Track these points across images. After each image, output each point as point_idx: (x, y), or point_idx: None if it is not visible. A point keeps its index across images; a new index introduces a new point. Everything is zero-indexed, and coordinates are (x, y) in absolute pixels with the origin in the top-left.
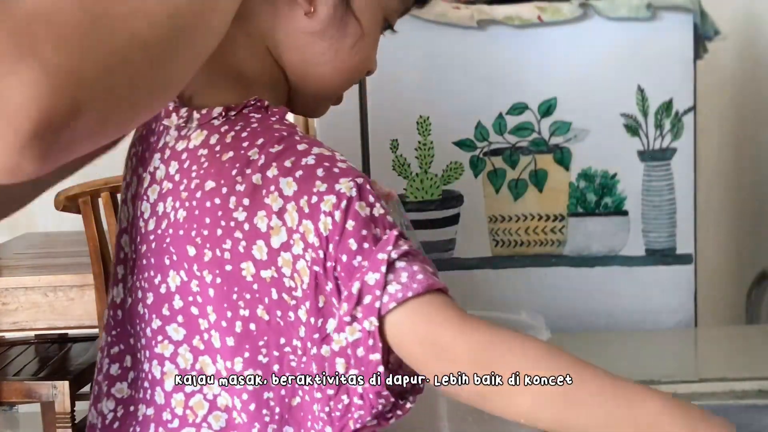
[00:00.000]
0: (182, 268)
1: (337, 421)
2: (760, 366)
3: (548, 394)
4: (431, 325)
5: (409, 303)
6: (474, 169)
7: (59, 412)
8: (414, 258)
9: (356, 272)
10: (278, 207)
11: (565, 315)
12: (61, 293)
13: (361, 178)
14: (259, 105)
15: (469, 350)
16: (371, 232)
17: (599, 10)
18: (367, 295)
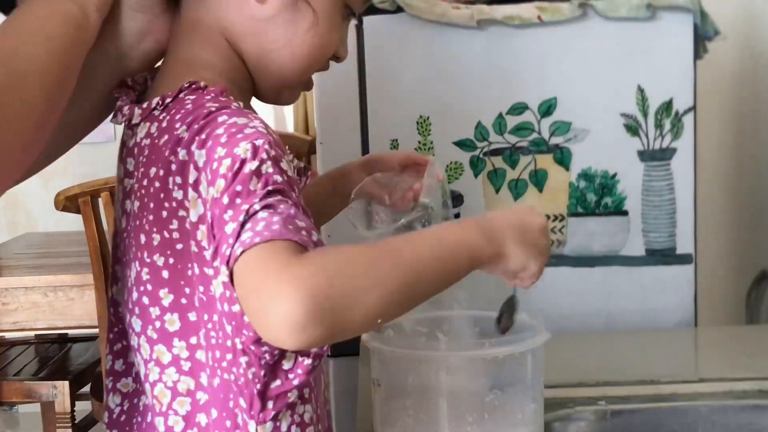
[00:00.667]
0: (137, 259)
1: (244, 388)
2: (760, 366)
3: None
4: (262, 273)
5: (252, 250)
6: (474, 169)
7: (59, 412)
8: (278, 212)
9: (222, 226)
10: (194, 179)
11: (565, 315)
12: (61, 293)
13: (261, 139)
14: (195, 87)
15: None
16: (247, 187)
17: (599, 10)
18: (223, 244)
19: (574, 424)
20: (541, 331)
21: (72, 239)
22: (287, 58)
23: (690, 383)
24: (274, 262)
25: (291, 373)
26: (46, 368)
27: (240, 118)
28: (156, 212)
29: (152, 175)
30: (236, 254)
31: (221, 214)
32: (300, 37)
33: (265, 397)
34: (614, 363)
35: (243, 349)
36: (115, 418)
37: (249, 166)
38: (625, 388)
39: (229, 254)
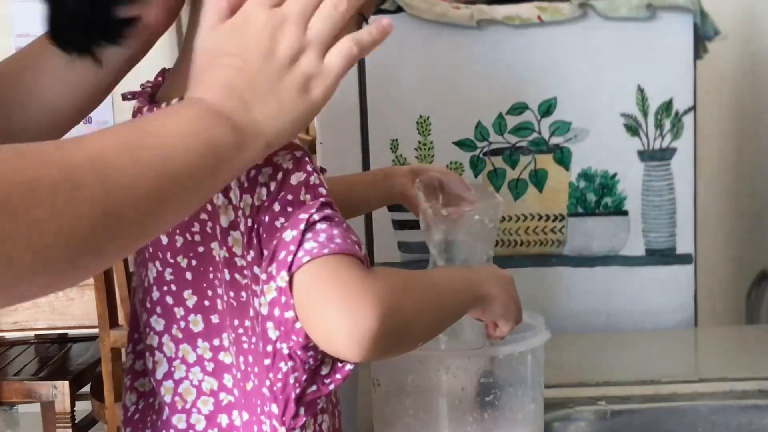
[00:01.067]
0: (157, 259)
1: (280, 393)
2: (760, 366)
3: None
4: (337, 283)
5: (321, 259)
6: (474, 169)
7: (59, 411)
8: (336, 224)
9: (277, 232)
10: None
11: (565, 315)
12: (61, 293)
13: (300, 150)
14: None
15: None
16: (298, 198)
17: (599, 10)
18: (282, 251)
19: (574, 424)
20: (541, 331)
21: None
22: None
23: (690, 383)
24: (350, 275)
25: (328, 378)
26: (46, 368)
27: None
28: (218, 221)
29: None
30: (301, 262)
31: (272, 221)
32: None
33: (300, 403)
34: (614, 363)
35: (290, 354)
36: (130, 416)
37: (295, 177)
38: (625, 388)
39: (291, 261)
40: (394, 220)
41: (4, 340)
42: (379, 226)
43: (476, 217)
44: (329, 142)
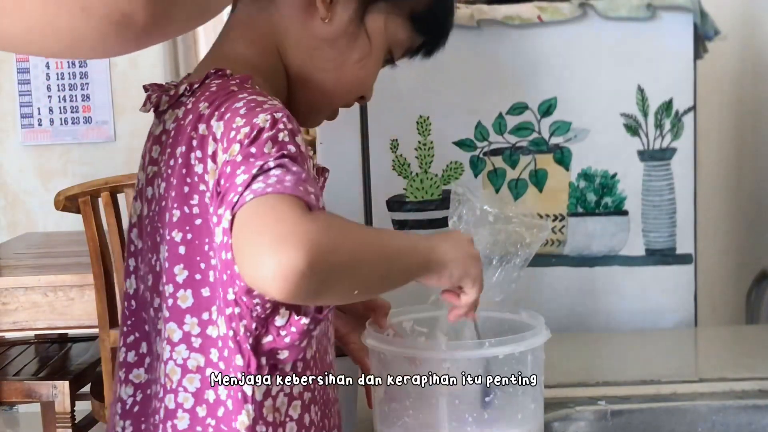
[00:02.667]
0: (165, 240)
1: (242, 342)
2: (760, 366)
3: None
4: (273, 218)
5: (263, 198)
6: (474, 169)
7: (59, 411)
8: (292, 172)
9: (232, 178)
10: (212, 150)
11: (565, 315)
12: (61, 293)
13: (281, 113)
14: (220, 73)
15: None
16: (261, 150)
17: (599, 10)
18: (231, 192)
19: (574, 424)
20: (541, 331)
21: (72, 239)
22: (331, 82)
23: (690, 383)
24: (285, 211)
25: (283, 330)
26: (46, 368)
27: (260, 96)
28: (178, 188)
29: (178, 154)
30: (245, 200)
31: (233, 170)
32: (350, 65)
33: (258, 353)
34: (614, 363)
35: (235, 299)
36: (128, 408)
37: (266, 135)
38: (625, 388)
39: (237, 201)
40: (394, 220)
41: (4, 340)
42: (379, 226)
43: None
44: (329, 142)
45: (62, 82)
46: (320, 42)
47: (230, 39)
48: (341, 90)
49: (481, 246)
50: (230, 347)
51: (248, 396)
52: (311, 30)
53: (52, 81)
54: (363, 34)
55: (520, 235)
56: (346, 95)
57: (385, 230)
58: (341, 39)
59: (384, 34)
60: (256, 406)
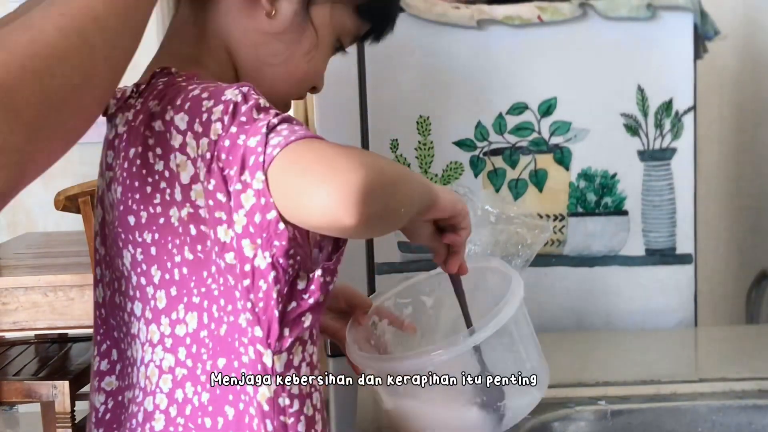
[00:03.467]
0: (129, 242)
1: (263, 314)
2: (760, 366)
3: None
4: (314, 155)
5: (291, 145)
6: (474, 168)
7: (59, 411)
8: (297, 124)
9: (240, 147)
10: (179, 143)
11: (565, 315)
12: (61, 293)
13: (246, 86)
14: (165, 72)
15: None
16: (252, 117)
17: (599, 9)
18: (251, 155)
19: (574, 424)
20: (516, 289)
21: (72, 239)
22: (281, 76)
23: (690, 383)
24: (320, 148)
25: (305, 292)
26: (46, 368)
27: (212, 84)
28: (141, 190)
29: (132, 155)
30: (272, 155)
31: (233, 142)
32: (299, 57)
33: (283, 322)
34: (614, 363)
35: (272, 262)
36: (101, 416)
37: (245, 106)
38: (625, 388)
39: (263, 160)
40: None
41: (4, 340)
42: None
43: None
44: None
45: None
46: (266, 37)
47: (175, 39)
48: (292, 83)
49: (482, 246)
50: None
51: (269, 368)
52: (256, 25)
53: None
54: (309, 27)
55: (522, 236)
56: (297, 88)
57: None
58: (287, 33)
59: (330, 25)
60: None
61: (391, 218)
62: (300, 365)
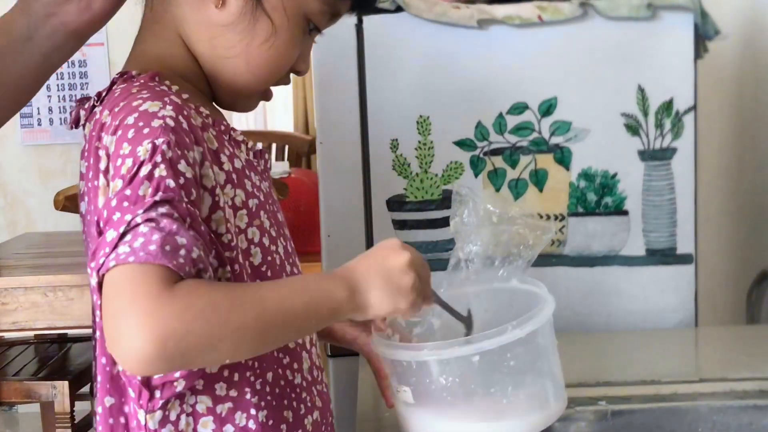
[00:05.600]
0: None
1: (131, 378)
2: (760, 366)
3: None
4: (127, 299)
5: (126, 267)
6: (474, 168)
7: (59, 412)
8: (158, 229)
9: (105, 229)
10: (104, 166)
11: (565, 315)
12: (60, 293)
13: (162, 138)
14: (126, 77)
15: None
16: (136, 193)
17: (599, 9)
18: (100, 250)
19: (574, 424)
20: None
21: (72, 239)
22: (241, 68)
23: (690, 383)
24: (140, 290)
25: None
26: (46, 368)
27: (154, 103)
28: (95, 202)
29: (91, 167)
30: (108, 266)
31: (109, 216)
32: (255, 48)
33: (149, 387)
34: (614, 363)
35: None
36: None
37: (144, 169)
38: (625, 388)
39: (102, 263)
40: (394, 220)
41: (4, 340)
42: (379, 226)
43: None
44: (329, 142)
45: (62, 81)
46: (219, 29)
47: (141, 38)
48: (256, 75)
49: (483, 247)
50: (122, 379)
51: (142, 426)
52: (207, 18)
53: (51, 81)
54: (262, 15)
55: (524, 237)
56: (267, 77)
57: (276, 289)
58: (239, 23)
59: (284, 9)
60: None
61: (206, 366)
62: (179, 419)
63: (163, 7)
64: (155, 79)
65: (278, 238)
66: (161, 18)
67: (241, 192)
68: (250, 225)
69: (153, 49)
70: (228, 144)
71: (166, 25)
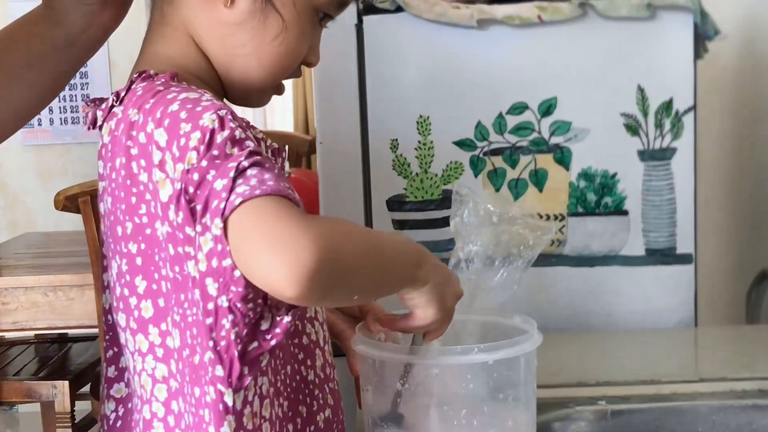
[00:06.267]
0: (117, 253)
1: (224, 353)
2: (760, 366)
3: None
4: (273, 219)
5: (255, 200)
6: (474, 168)
7: (59, 411)
8: (268, 169)
9: (208, 185)
10: (158, 159)
11: (565, 315)
12: (61, 293)
13: (224, 109)
14: (145, 75)
15: (310, 240)
16: (224, 152)
17: (599, 9)
18: (215, 199)
19: (574, 424)
20: (533, 336)
21: (72, 239)
22: (253, 65)
23: (690, 383)
24: (282, 212)
25: (269, 333)
26: (46, 368)
27: (190, 93)
28: (126, 200)
29: (118, 165)
30: (234, 204)
31: (202, 177)
32: (267, 45)
33: (243, 361)
34: (614, 363)
35: (229, 307)
36: (111, 424)
37: (220, 135)
38: (625, 388)
39: (224, 207)
40: (394, 220)
41: (4, 340)
42: (379, 226)
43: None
44: (329, 142)
45: None
46: (229, 28)
47: (150, 41)
48: (268, 71)
49: (483, 246)
50: (205, 364)
51: (230, 407)
52: (217, 17)
53: None
54: (272, 11)
55: (524, 237)
56: (280, 72)
57: (387, 235)
58: (249, 21)
59: (294, 6)
60: (236, 416)
61: (341, 298)
62: (253, 399)
63: (172, 10)
64: (174, 79)
65: None
66: (171, 20)
67: None
68: None
69: (165, 51)
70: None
71: (176, 26)
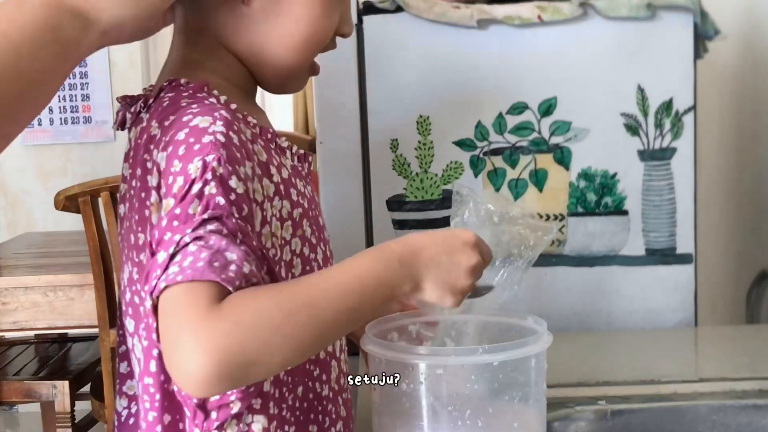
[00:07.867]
0: (129, 260)
1: (187, 398)
2: (760, 366)
3: (296, 332)
4: (181, 318)
5: (174, 288)
6: (474, 168)
7: (59, 411)
8: (207, 246)
9: (159, 248)
10: (156, 183)
11: (565, 315)
12: (61, 293)
13: (212, 154)
14: (174, 84)
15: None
16: (186, 211)
17: (599, 9)
18: (153, 272)
19: (574, 424)
20: (543, 336)
21: (72, 239)
22: (281, 51)
23: (690, 383)
24: (189, 311)
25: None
26: (46, 368)
27: (204, 118)
28: (140, 211)
29: (137, 175)
30: (160, 287)
31: (161, 237)
32: (290, 29)
33: (205, 409)
34: (614, 363)
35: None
36: (123, 421)
37: (195, 187)
38: (625, 388)
39: (155, 285)
40: (394, 220)
41: (4, 339)
42: (379, 226)
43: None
44: (329, 142)
45: None
46: (252, 22)
47: (177, 47)
48: (298, 53)
49: None
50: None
51: None
52: (238, 14)
53: None
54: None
55: (525, 237)
56: (311, 51)
57: (334, 279)
58: (265, 10)
59: None
60: None
61: (265, 377)
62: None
63: (194, 16)
64: (204, 89)
65: (318, 244)
66: (194, 26)
67: (288, 203)
68: (294, 236)
69: (191, 55)
70: (275, 153)
71: (200, 30)
